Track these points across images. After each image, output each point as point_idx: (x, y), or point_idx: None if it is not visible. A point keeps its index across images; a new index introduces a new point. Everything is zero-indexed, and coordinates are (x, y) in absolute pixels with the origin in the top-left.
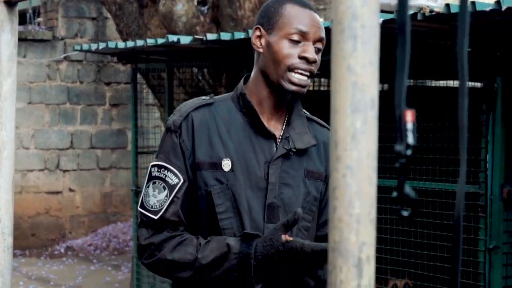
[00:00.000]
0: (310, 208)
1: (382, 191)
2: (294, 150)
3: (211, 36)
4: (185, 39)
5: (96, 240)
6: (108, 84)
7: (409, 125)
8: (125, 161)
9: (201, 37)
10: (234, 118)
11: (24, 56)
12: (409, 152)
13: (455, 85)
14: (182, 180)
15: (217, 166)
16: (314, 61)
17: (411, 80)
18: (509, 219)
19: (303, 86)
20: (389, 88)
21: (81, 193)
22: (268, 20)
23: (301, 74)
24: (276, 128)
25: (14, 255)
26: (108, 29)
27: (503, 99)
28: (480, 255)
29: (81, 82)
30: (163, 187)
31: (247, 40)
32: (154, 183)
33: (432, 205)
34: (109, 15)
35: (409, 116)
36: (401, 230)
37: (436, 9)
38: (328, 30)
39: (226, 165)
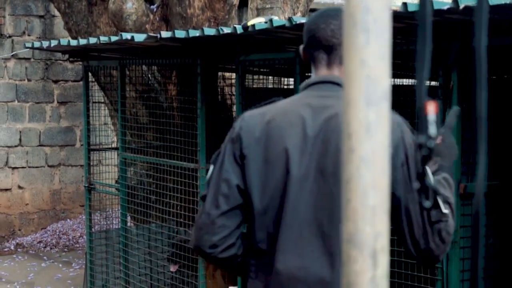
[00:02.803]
0: None
1: None
2: None
3: (165, 34)
4: (139, 37)
5: (46, 237)
6: (56, 82)
7: (431, 117)
8: (74, 158)
9: (155, 34)
10: None
11: None
12: (431, 143)
13: (410, 83)
14: None
15: None
16: None
17: None
18: (466, 214)
19: None
20: None
21: (30, 190)
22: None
23: None
24: None
25: None
26: (56, 27)
27: (458, 95)
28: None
29: (29, 80)
30: None
31: (202, 38)
32: None
33: None
34: (56, 13)
35: (431, 108)
36: None
37: (393, 7)
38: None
39: None
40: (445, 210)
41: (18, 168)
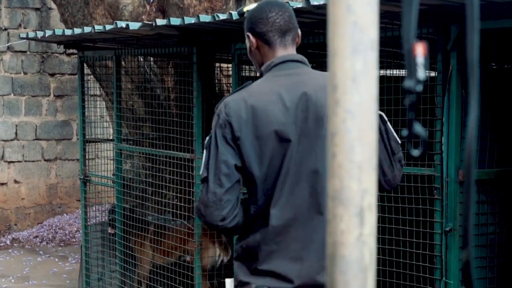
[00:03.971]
0: None
1: None
2: None
3: (160, 22)
4: (134, 25)
5: (42, 231)
6: (52, 75)
7: (419, 59)
8: (70, 152)
9: (150, 22)
10: None
11: None
12: (419, 88)
13: None
14: None
15: None
16: None
17: None
18: None
19: None
20: None
21: (26, 185)
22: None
23: None
24: None
25: None
26: (52, 20)
27: (457, 80)
28: (437, 237)
29: (25, 73)
30: None
31: (198, 25)
32: None
33: None
34: (53, 6)
35: (419, 50)
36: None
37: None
38: None
39: None
40: (399, 140)
41: (14, 162)
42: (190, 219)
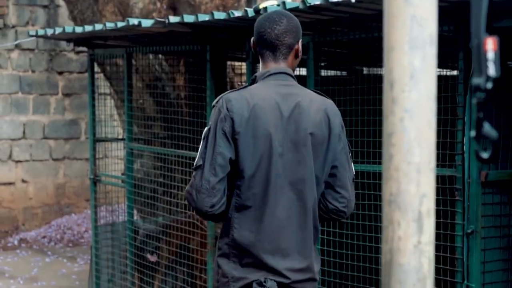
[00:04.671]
0: None
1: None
2: None
3: (173, 19)
4: (147, 22)
5: (50, 232)
6: (60, 73)
7: (490, 55)
8: (79, 151)
9: (163, 19)
10: None
11: None
12: (489, 85)
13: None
14: None
15: None
16: None
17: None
18: (487, 203)
19: None
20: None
21: (34, 184)
22: (300, 34)
23: None
24: None
25: None
26: (60, 17)
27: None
28: (458, 240)
29: (33, 71)
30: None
31: (211, 22)
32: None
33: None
34: (61, 3)
35: (491, 45)
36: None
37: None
38: None
39: None
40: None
41: (22, 162)
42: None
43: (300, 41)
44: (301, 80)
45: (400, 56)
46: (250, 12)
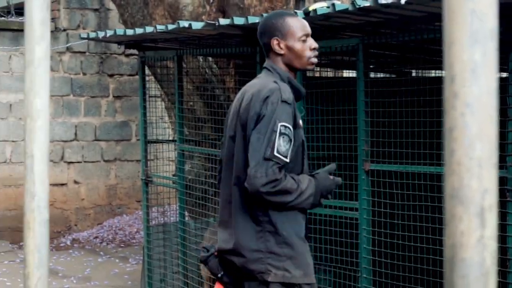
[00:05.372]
0: None
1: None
2: None
3: (224, 21)
4: (197, 25)
5: (102, 232)
6: (111, 76)
7: None
8: (130, 153)
9: (213, 22)
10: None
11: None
12: None
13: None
14: (293, 136)
15: (300, 126)
16: (317, 47)
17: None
18: None
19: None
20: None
21: (86, 185)
22: (280, 31)
23: (316, 57)
24: None
25: (19, 247)
26: (111, 21)
27: None
28: (509, 240)
29: (84, 74)
30: (288, 140)
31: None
32: (283, 137)
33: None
34: (111, 6)
35: None
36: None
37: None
38: None
39: (301, 124)
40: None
41: (73, 163)
42: None
43: (274, 38)
44: (351, 82)
45: (461, 51)
46: (300, 14)
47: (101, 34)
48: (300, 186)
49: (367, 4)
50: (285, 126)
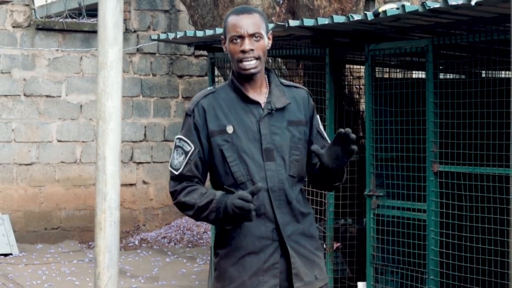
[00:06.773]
0: (296, 146)
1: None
2: (275, 109)
3: (293, 23)
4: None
5: (170, 232)
6: (180, 76)
7: None
8: None
9: (283, 23)
10: (231, 97)
11: (96, 49)
12: None
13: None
14: (193, 148)
15: (224, 131)
16: (251, 49)
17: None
18: None
19: (252, 68)
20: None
21: (154, 186)
22: (224, 31)
23: (246, 61)
24: (260, 97)
25: (88, 247)
26: (181, 22)
27: None
28: None
29: (154, 75)
30: (182, 152)
31: (331, 26)
32: (177, 150)
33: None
34: (181, 8)
35: None
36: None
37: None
38: None
39: (229, 129)
40: None
41: (142, 163)
42: (321, 221)
43: (221, 37)
44: (420, 83)
45: None
46: (370, 15)
47: (171, 36)
48: (197, 202)
49: (437, 5)
50: (180, 139)
